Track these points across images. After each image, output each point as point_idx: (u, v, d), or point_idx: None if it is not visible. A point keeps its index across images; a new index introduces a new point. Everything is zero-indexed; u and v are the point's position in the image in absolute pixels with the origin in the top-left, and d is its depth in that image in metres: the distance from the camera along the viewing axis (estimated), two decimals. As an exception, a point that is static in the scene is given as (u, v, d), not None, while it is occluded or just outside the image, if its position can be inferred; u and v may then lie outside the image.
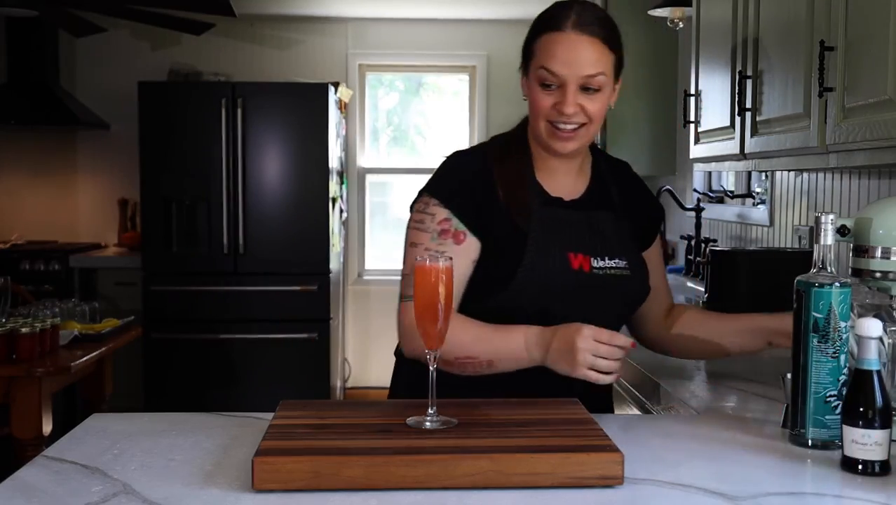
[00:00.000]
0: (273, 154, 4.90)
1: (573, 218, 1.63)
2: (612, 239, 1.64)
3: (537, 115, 1.59)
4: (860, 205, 2.39)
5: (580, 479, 1.18)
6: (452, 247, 1.58)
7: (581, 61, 1.55)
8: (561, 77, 1.55)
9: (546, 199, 1.64)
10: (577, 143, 1.60)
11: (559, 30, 1.56)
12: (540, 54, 1.57)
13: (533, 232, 1.59)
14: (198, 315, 4.93)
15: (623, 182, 1.75)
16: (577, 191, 1.68)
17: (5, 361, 3.05)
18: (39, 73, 5.18)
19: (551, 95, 1.57)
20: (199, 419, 1.54)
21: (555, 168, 1.67)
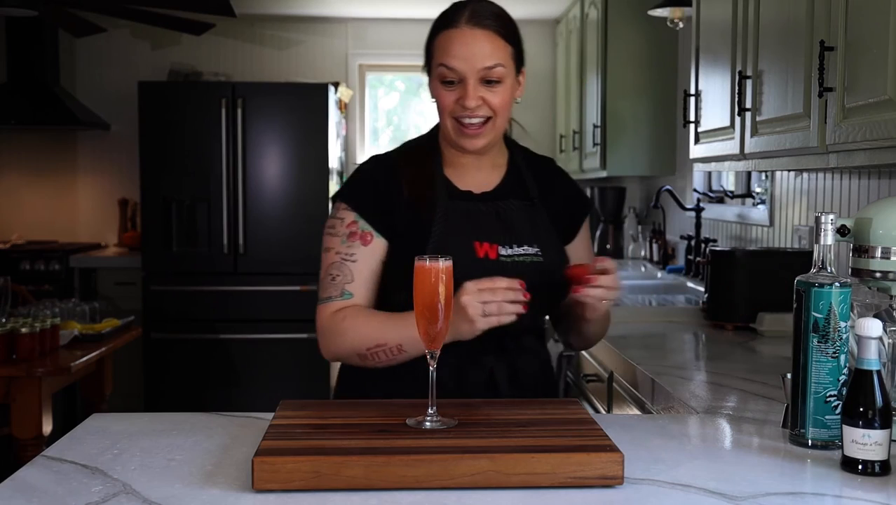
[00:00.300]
0: (273, 154, 4.90)
1: (480, 209, 1.65)
2: (523, 227, 1.65)
3: (443, 113, 1.62)
4: (860, 205, 2.39)
5: (580, 479, 1.18)
6: (360, 248, 1.64)
7: (477, 54, 1.57)
8: (459, 71, 1.58)
9: (454, 193, 1.67)
10: (485, 138, 1.62)
11: (454, 26, 1.59)
12: (438, 52, 1.60)
13: (437, 224, 1.62)
14: (198, 315, 4.93)
15: (543, 175, 1.76)
16: (490, 184, 1.70)
17: (5, 361, 3.05)
18: (39, 73, 5.18)
19: (453, 91, 1.59)
20: (199, 419, 1.54)
21: (465, 164, 1.70)
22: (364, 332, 1.58)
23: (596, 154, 4.44)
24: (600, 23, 4.34)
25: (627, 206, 4.92)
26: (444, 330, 1.35)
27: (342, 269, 1.63)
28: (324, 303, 1.63)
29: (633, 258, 4.57)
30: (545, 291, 1.63)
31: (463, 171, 1.69)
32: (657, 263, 4.20)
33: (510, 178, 1.72)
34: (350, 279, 1.63)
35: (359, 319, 1.59)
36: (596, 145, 4.43)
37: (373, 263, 1.64)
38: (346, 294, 1.62)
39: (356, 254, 1.63)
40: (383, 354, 1.58)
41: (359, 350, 1.59)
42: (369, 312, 1.61)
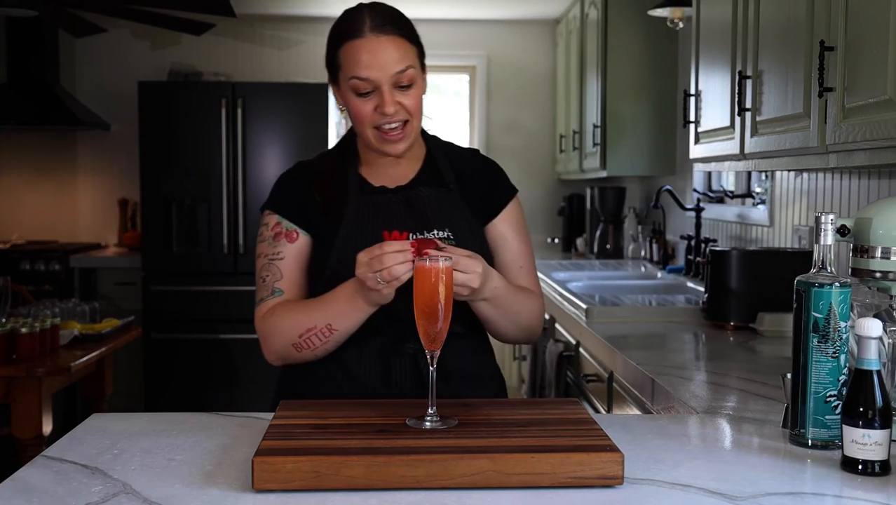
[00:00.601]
0: (273, 154, 4.90)
1: (391, 200, 1.67)
2: (435, 212, 1.66)
3: (362, 124, 1.63)
4: (860, 205, 2.39)
5: (580, 479, 1.18)
6: (286, 245, 1.67)
7: (388, 61, 1.58)
8: (374, 81, 1.58)
9: (367, 189, 1.69)
10: (407, 141, 1.64)
11: (359, 36, 1.58)
12: (346, 65, 1.60)
13: (347, 218, 1.64)
14: (198, 315, 4.93)
15: (463, 163, 1.76)
16: (406, 177, 1.72)
17: (5, 361, 3.05)
18: (39, 73, 5.18)
19: (369, 101, 1.60)
20: (199, 419, 1.54)
21: (381, 163, 1.71)
22: (292, 321, 1.60)
23: (596, 154, 4.44)
24: (600, 23, 4.34)
25: (627, 206, 4.92)
26: (445, 330, 1.35)
27: (270, 269, 1.67)
28: (257, 306, 1.67)
29: (633, 258, 4.57)
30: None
31: (378, 168, 1.72)
32: (657, 262, 4.20)
33: (426, 169, 1.73)
34: (279, 277, 1.66)
35: (286, 311, 1.62)
36: (596, 145, 4.43)
37: (302, 259, 1.68)
38: (277, 291, 1.66)
39: (282, 252, 1.67)
40: (316, 339, 1.59)
41: (292, 341, 1.61)
42: (294, 303, 1.64)
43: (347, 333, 1.58)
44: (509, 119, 5.79)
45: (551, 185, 5.81)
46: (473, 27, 5.74)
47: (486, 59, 5.76)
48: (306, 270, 1.68)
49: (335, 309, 1.56)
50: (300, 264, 1.68)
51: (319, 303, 1.60)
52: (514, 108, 5.80)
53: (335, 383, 1.64)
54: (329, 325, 1.58)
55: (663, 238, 4.25)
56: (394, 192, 1.69)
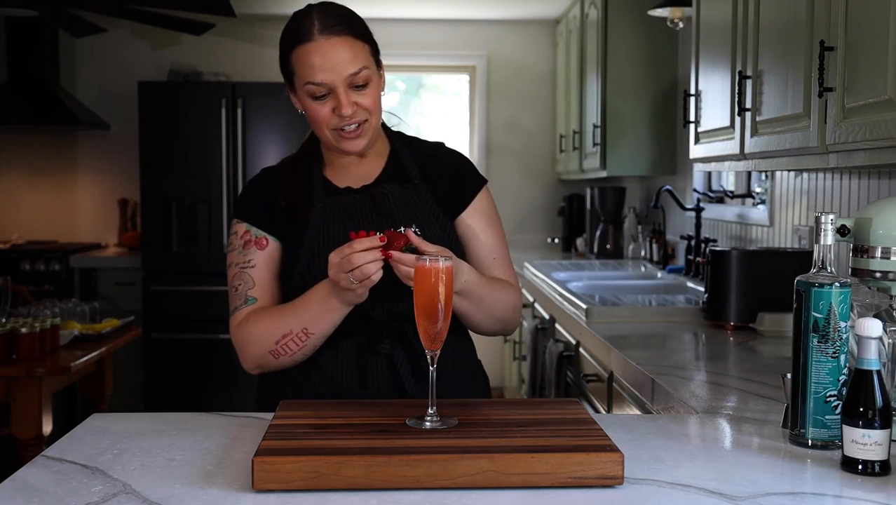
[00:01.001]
0: (273, 154, 4.90)
1: (356, 200, 1.67)
2: (401, 209, 1.65)
3: (321, 127, 1.62)
4: (860, 205, 2.39)
5: (580, 479, 1.18)
6: (257, 252, 1.66)
7: (341, 63, 1.56)
8: (328, 84, 1.57)
9: (332, 191, 1.69)
10: (365, 138, 1.63)
11: (308, 40, 1.57)
12: (300, 70, 1.59)
13: (313, 223, 1.64)
14: (198, 315, 4.93)
15: (428, 157, 1.74)
16: (371, 176, 1.71)
17: (5, 361, 3.05)
18: (39, 73, 5.18)
19: (326, 104, 1.59)
20: (199, 419, 1.54)
21: (344, 163, 1.71)
22: (267, 328, 1.59)
23: (596, 154, 4.43)
24: (600, 23, 4.34)
25: (627, 206, 4.92)
26: (445, 330, 1.35)
27: (242, 277, 1.66)
28: (231, 316, 1.66)
29: (633, 258, 4.57)
30: None
31: (342, 169, 1.71)
32: (657, 262, 4.20)
33: (390, 166, 1.72)
34: (251, 285, 1.65)
35: (260, 318, 1.61)
36: (596, 145, 4.43)
37: (273, 265, 1.67)
38: (250, 300, 1.64)
39: (253, 259, 1.65)
40: (293, 343, 1.58)
41: (269, 348, 1.60)
42: (268, 310, 1.62)
43: (324, 335, 1.58)
44: (509, 119, 5.79)
45: (551, 185, 5.81)
46: (473, 27, 5.74)
47: (486, 59, 5.76)
48: (278, 275, 1.68)
49: (309, 312, 1.56)
50: (272, 271, 1.67)
51: (293, 307, 1.59)
52: (514, 108, 5.80)
53: (312, 387, 1.64)
54: (305, 329, 1.57)
55: (663, 238, 4.25)
56: (359, 193, 1.68)
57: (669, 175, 4.35)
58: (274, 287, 1.67)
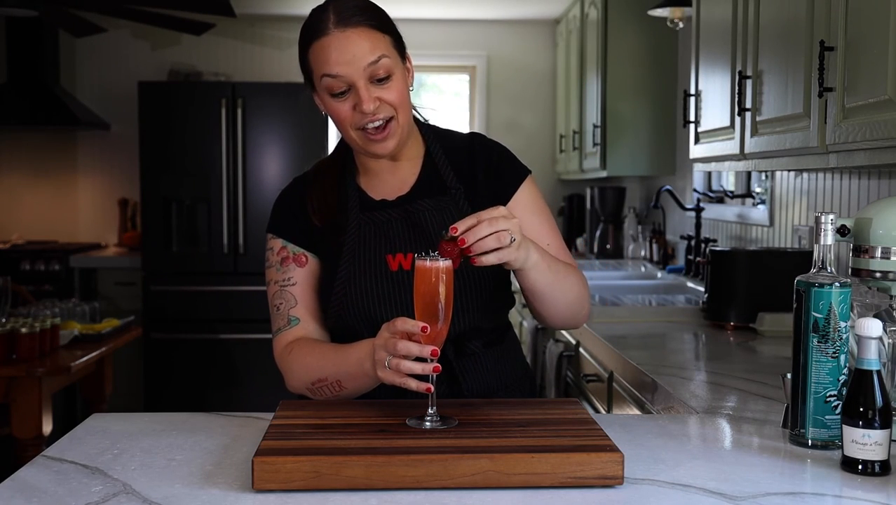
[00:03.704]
0: (273, 154, 4.90)
1: (392, 217, 1.58)
2: (437, 226, 1.57)
3: (344, 126, 1.52)
4: (860, 205, 2.39)
5: (580, 479, 1.18)
6: (296, 270, 1.60)
7: (357, 54, 1.46)
8: (345, 77, 1.47)
9: (367, 204, 1.60)
10: (395, 138, 1.53)
11: (323, 34, 1.48)
12: (316, 65, 1.50)
13: (348, 243, 1.56)
14: (198, 315, 4.93)
15: (463, 157, 1.64)
16: (406, 185, 1.62)
17: (5, 361, 3.05)
18: (39, 73, 5.18)
19: (347, 101, 1.49)
20: (199, 419, 1.54)
21: (377, 170, 1.62)
22: (307, 367, 1.53)
23: (596, 154, 4.43)
24: (600, 23, 4.34)
25: (627, 206, 4.92)
26: (445, 330, 1.35)
27: (283, 296, 1.60)
28: (275, 337, 1.61)
29: (633, 258, 4.57)
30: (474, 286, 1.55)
31: (376, 178, 1.62)
32: (657, 262, 4.20)
33: (426, 172, 1.63)
34: (293, 303, 1.59)
35: (301, 354, 1.54)
36: (596, 145, 4.43)
37: (313, 282, 1.60)
38: (293, 320, 1.59)
39: (293, 277, 1.59)
40: (327, 390, 1.52)
41: (306, 385, 1.54)
42: (312, 346, 1.55)
43: (357, 392, 1.50)
44: (509, 119, 5.79)
45: (551, 185, 5.81)
46: (473, 27, 5.74)
47: (486, 59, 5.76)
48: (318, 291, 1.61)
49: (345, 368, 1.46)
50: (312, 286, 1.60)
51: (333, 355, 1.50)
52: (514, 108, 5.80)
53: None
54: (339, 381, 1.49)
55: (663, 238, 4.25)
56: (394, 207, 1.60)
57: (669, 175, 4.35)
58: (316, 304, 1.60)
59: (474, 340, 1.59)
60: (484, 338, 1.61)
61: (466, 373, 1.58)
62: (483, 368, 1.60)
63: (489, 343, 1.62)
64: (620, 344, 2.36)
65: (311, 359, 1.53)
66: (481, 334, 1.60)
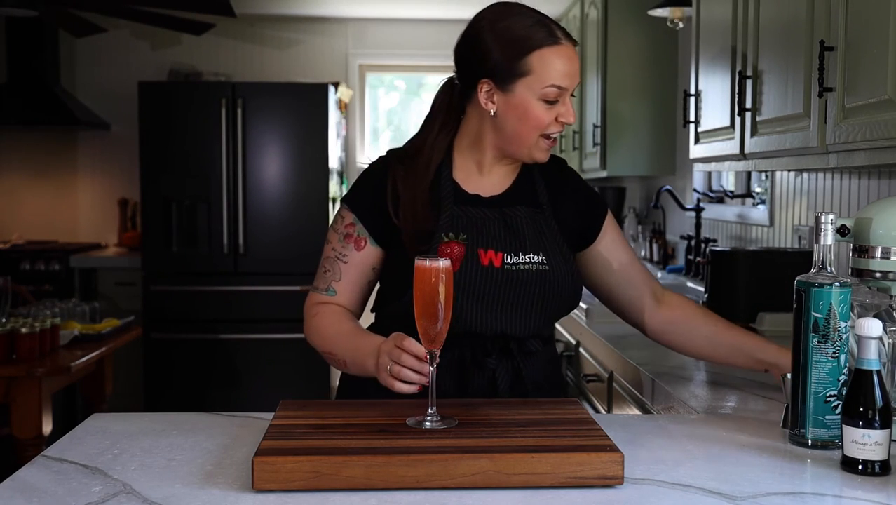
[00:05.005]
0: (273, 154, 4.90)
1: (487, 215, 1.62)
2: (530, 235, 1.62)
3: (534, 130, 1.58)
4: (860, 205, 2.39)
5: (580, 479, 1.18)
6: (353, 251, 1.66)
7: (577, 72, 1.58)
8: (567, 90, 1.57)
9: (461, 197, 1.64)
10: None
11: (558, 43, 1.55)
12: (542, 70, 1.54)
13: (441, 230, 1.60)
14: (198, 315, 4.93)
15: (555, 179, 1.72)
16: (501, 187, 1.67)
17: (5, 361, 3.05)
18: (39, 73, 5.18)
19: (553, 109, 1.57)
20: (199, 419, 1.54)
21: (477, 167, 1.67)
22: (324, 335, 1.62)
23: (596, 154, 4.44)
24: (600, 23, 4.34)
25: (627, 206, 4.92)
26: (445, 330, 1.35)
27: (334, 266, 1.66)
28: (312, 291, 1.69)
29: (633, 258, 4.57)
30: (551, 298, 1.62)
31: (475, 175, 1.67)
32: (657, 263, 4.20)
33: (521, 182, 1.69)
34: (338, 278, 1.66)
35: (324, 321, 1.63)
36: (596, 145, 4.43)
37: (363, 268, 1.66)
38: (331, 291, 1.66)
39: (348, 256, 1.65)
40: (334, 362, 1.62)
41: (318, 348, 1.65)
42: (335, 318, 1.63)
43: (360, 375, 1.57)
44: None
45: (551, 185, 5.81)
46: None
47: (486, 59, 5.75)
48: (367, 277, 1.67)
49: (353, 354, 1.55)
50: (360, 271, 1.66)
51: (347, 337, 1.58)
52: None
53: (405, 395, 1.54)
54: (345, 361, 1.58)
55: (663, 238, 4.25)
56: (488, 206, 1.64)
57: (669, 175, 4.35)
58: (357, 288, 1.67)
59: (535, 341, 1.67)
60: (542, 341, 1.69)
61: (527, 368, 1.65)
62: (539, 365, 1.68)
63: (544, 344, 1.71)
64: (620, 344, 2.35)
65: (331, 330, 1.62)
66: (541, 338, 1.69)
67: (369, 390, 1.55)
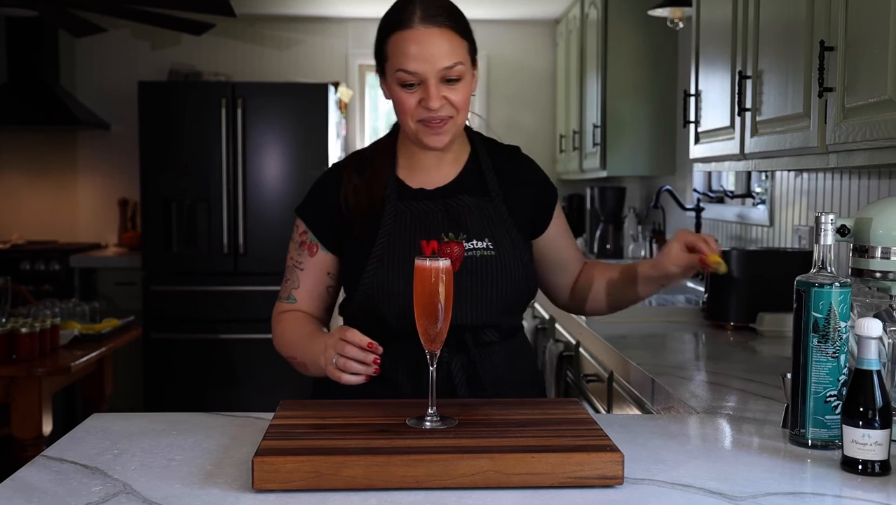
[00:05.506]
0: (273, 154, 4.90)
1: (430, 208, 1.64)
2: (474, 222, 1.63)
3: (405, 116, 1.58)
4: (860, 205, 2.39)
5: (580, 479, 1.18)
6: (307, 258, 1.71)
7: (436, 54, 1.53)
8: (420, 74, 1.53)
9: (405, 193, 1.66)
10: (448, 135, 1.60)
11: (407, 26, 1.53)
12: (393, 56, 1.55)
13: (384, 227, 1.62)
14: (198, 315, 4.93)
15: (506, 167, 1.72)
16: (447, 178, 1.68)
17: (5, 361, 3.05)
18: (39, 73, 5.18)
19: (414, 93, 1.55)
20: (199, 419, 1.54)
21: (420, 162, 1.68)
22: (286, 341, 1.66)
23: (596, 154, 4.44)
24: (600, 23, 4.34)
25: (627, 206, 4.92)
26: (445, 330, 1.35)
27: (293, 274, 1.72)
28: (277, 300, 1.74)
29: (633, 258, 4.57)
30: (501, 285, 1.62)
31: (418, 169, 1.68)
32: (657, 263, 4.19)
33: (468, 172, 1.69)
34: (296, 285, 1.71)
35: (286, 327, 1.67)
36: (596, 145, 4.43)
37: (319, 274, 1.70)
38: (291, 299, 1.71)
39: (304, 263, 1.70)
40: (297, 365, 1.64)
41: (282, 354, 1.68)
42: (295, 323, 1.66)
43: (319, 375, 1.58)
44: (509, 119, 5.79)
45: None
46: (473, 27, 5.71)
47: (486, 59, 5.76)
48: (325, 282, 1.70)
49: (309, 355, 1.58)
50: (317, 277, 1.70)
51: (306, 341, 1.61)
52: (514, 108, 5.80)
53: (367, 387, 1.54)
54: (304, 364, 1.61)
55: (663, 238, 4.25)
56: (432, 199, 1.65)
57: (669, 175, 4.35)
58: (316, 293, 1.71)
59: (491, 331, 1.66)
60: (502, 332, 1.68)
61: (483, 360, 1.65)
62: (499, 358, 1.67)
63: (505, 337, 1.69)
64: (620, 344, 2.36)
65: (290, 335, 1.66)
66: (500, 329, 1.67)
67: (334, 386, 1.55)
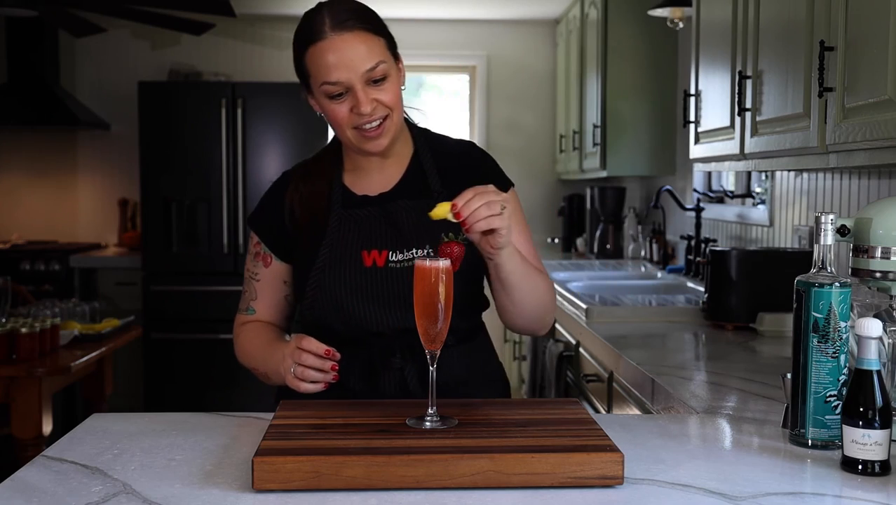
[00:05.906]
0: (273, 154, 4.90)
1: (371, 215, 1.62)
2: (414, 228, 1.60)
3: (341, 127, 1.56)
4: (860, 205, 2.39)
5: (580, 479, 1.18)
6: (262, 268, 1.70)
7: (356, 59, 1.50)
8: (344, 82, 1.51)
9: (349, 201, 1.64)
10: (387, 137, 1.58)
11: (321, 38, 1.50)
12: (314, 70, 1.53)
13: (328, 237, 1.62)
14: (198, 315, 4.93)
15: (451, 163, 1.67)
16: (390, 183, 1.66)
17: (5, 361, 3.05)
18: (39, 73, 5.18)
19: (344, 103, 1.53)
20: (199, 419, 1.54)
21: (366, 168, 1.66)
22: (247, 351, 1.68)
23: (596, 154, 4.44)
24: (600, 23, 4.34)
25: (627, 206, 4.92)
26: (445, 330, 1.35)
27: (250, 285, 1.72)
28: (237, 312, 1.75)
29: (633, 258, 4.57)
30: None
31: (362, 175, 1.66)
32: (657, 262, 4.20)
33: (410, 174, 1.67)
34: (254, 296, 1.71)
35: (246, 338, 1.69)
36: (596, 145, 4.43)
37: (275, 283, 1.70)
38: (250, 310, 1.72)
39: (259, 274, 1.70)
40: (260, 376, 1.65)
41: (245, 365, 1.70)
42: (256, 334, 1.67)
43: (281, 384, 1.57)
44: (509, 119, 5.79)
45: (551, 185, 5.81)
46: (473, 27, 5.74)
47: (486, 59, 5.76)
48: (282, 291, 1.71)
49: (269, 365, 1.58)
50: (273, 286, 1.70)
51: (265, 351, 1.61)
52: (514, 108, 5.80)
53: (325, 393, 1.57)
54: (266, 374, 1.62)
55: (663, 238, 4.25)
56: (374, 205, 1.63)
57: (669, 175, 4.35)
58: (274, 301, 1.71)
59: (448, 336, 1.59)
60: (456, 335, 1.62)
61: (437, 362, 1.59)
62: (452, 360, 1.63)
63: (461, 339, 1.66)
64: (620, 344, 2.36)
65: (250, 346, 1.67)
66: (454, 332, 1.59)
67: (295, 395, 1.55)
